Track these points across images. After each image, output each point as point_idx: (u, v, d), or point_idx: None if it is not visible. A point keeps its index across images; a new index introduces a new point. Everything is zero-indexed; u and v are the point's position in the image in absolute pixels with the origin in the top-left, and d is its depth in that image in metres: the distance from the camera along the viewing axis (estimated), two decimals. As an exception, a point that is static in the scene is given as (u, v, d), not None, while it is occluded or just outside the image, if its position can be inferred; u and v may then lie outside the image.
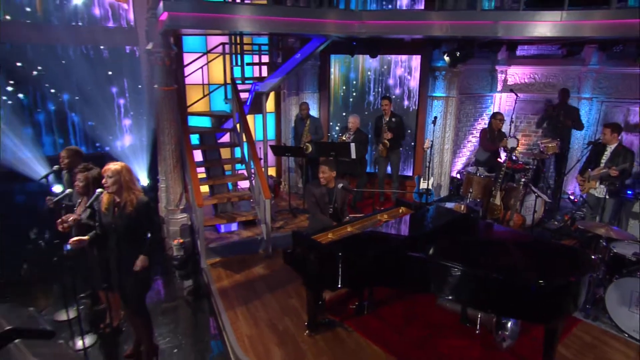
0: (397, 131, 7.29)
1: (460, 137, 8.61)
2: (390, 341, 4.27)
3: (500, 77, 8.52)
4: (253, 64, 7.93)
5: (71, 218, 4.00)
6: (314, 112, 7.99)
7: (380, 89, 8.33)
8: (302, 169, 7.99)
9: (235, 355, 4.19)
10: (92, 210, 3.80)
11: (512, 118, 7.68)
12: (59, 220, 4.00)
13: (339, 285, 3.83)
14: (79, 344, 4.30)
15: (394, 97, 8.10)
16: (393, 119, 7.29)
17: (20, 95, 7.58)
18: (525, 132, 8.61)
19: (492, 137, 7.38)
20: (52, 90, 7.77)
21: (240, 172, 7.32)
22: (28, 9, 7.11)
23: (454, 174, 8.51)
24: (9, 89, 7.35)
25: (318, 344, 4.25)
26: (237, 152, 7.27)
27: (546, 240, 6.08)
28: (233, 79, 7.10)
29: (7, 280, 5.77)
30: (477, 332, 4.39)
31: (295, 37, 7.43)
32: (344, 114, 8.49)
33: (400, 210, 5.07)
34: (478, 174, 6.99)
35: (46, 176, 4.89)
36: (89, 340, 4.45)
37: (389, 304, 4.91)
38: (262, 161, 7.08)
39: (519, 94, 7.90)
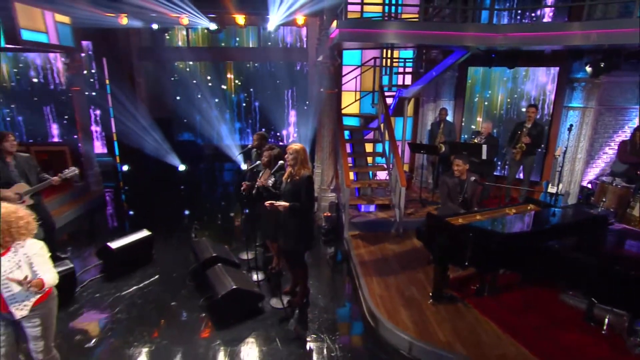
0: (536, 139, 6.53)
1: (595, 148, 7.43)
2: (508, 322, 3.98)
3: (649, 89, 7.10)
4: (399, 73, 7.96)
5: (258, 184, 4.58)
6: (448, 117, 7.71)
7: (513, 98, 7.66)
8: (433, 166, 7.79)
9: (369, 308, 4.35)
10: (275, 178, 4.30)
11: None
12: (243, 183, 4.68)
13: (466, 264, 3.71)
14: (254, 276, 4.93)
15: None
16: (535, 127, 6.57)
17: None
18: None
19: (634, 149, 6.23)
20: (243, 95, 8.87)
21: (379, 164, 7.46)
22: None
23: (584, 183, 7.40)
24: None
25: (440, 313, 4.17)
26: (378, 147, 7.43)
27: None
28: (381, 87, 7.26)
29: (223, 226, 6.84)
30: (603, 332, 3.82)
31: (439, 50, 7.25)
32: (478, 119, 8.03)
33: (529, 207, 4.65)
34: (614, 184, 5.99)
35: (244, 152, 5.67)
36: (260, 276, 5.05)
37: (509, 290, 4.56)
38: (399, 156, 7.09)
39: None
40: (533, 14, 7.20)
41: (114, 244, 5.16)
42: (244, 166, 9.39)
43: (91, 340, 3.98)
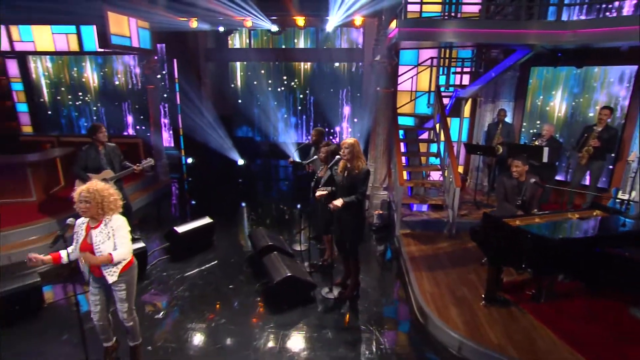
0: (607, 143, 6.02)
1: (676, 154, 6.76)
2: (567, 331, 3.78)
3: None
4: (457, 73, 7.77)
5: (317, 194, 4.72)
6: (507, 118, 7.40)
7: (580, 100, 7.18)
8: (489, 168, 7.52)
9: (418, 304, 4.34)
10: (331, 172, 4.42)
11: None
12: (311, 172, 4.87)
13: (523, 265, 3.60)
14: (307, 266, 5.09)
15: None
16: (607, 130, 6.08)
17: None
18: None
19: None
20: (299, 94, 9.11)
21: (432, 165, 7.34)
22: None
23: (662, 191, 6.76)
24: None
25: (492, 315, 4.07)
26: (433, 148, 7.31)
27: None
28: (438, 87, 7.14)
29: (278, 217, 7.17)
30: (677, 349, 3.52)
31: (500, 49, 6.99)
32: (537, 122, 7.63)
33: (595, 213, 4.37)
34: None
35: (301, 148, 5.86)
36: (312, 266, 5.20)
37: (569, 298, 4.32)
38: (453, 157, 6.94)
39: None
40: (609, 6, 6.68)
41: (180, 229, 5.57)
42: (297, 159, 9.68)
43: (159, 312, 4.35)
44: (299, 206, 7.89)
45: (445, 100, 7.40)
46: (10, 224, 5.83)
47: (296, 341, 3.91)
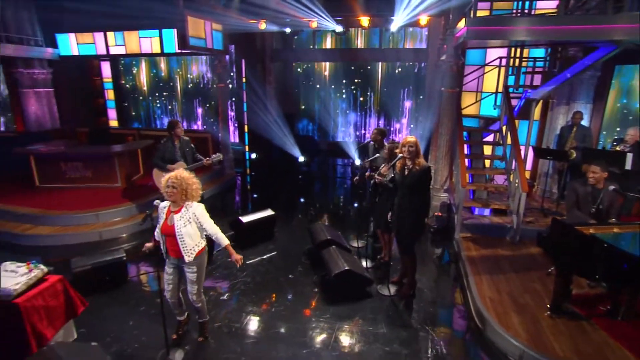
0: None
1: None
2: (647, 352, 3.47)
3: None
4: (527, 72, 7.35)
5: (380, 172, 4.78)
6: (583, 121, 6.86)
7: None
8: (560, 174, 7.02)
9: (477, 308, 4.22)
10: (393, 170, 4.44)
11: None
12: (367, 174, 4.89)
13: (597, 277, 3.36)
14: (363, 263, 5.14)
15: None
16: None
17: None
18: None
19: None
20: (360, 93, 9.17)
21: (497, 168, 7.02)
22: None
23: None
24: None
25: (558, 326, 3.84)
26: (498, 151, 7.00)
27: None
28: (506, 87, 6.82)
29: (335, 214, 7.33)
30: None
31: (579, 47, 6.51)
32: (617, 128, 6.99)
33: (686, 227, 3.94)
34: None
35: (361, 146, 5.94)
36: (368, 263, 5.25)
37: (651, 318, 3.95)
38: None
39: None
40: None
41: (245, 219, 5.89)
42: (357, 161, 9.73)
43: (224, 295, 4.66)
44: (356, 204, 7.96)
45: (514, 102, 7.03)
46: (101, 206, 6.55)
47: (351, 333, 3.99)
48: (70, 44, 10.25)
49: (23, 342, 3.17)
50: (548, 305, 4.05)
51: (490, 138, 7.53)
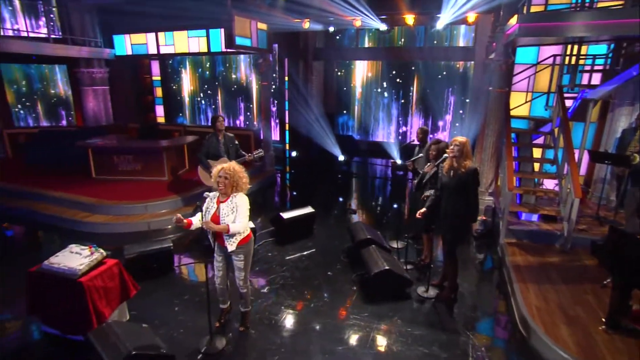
0: None
1: None
2: None
3: None
4: (584, 71, 6.96)
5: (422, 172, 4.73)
6: (649, 125, 6.39)
7: None
8: (619, 180, 6.57)
9: (522, 316, 4.07)
10: (437, 169, 4.38)
11: None
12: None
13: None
14: (403, 264, 5.10)
15: None
16: None
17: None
18: None
19: None
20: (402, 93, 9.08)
21: (547, 172, 6.70)
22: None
23: None
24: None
25: (615, 342, 3.63)
26: (548, 154, 6.68)
27: None
28: (560, 87, 6.49)
29: (375, 214, 7.34)
30: None
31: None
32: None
33: None
34: None
35: (404, 146, 5.88)
36: (409, 266, 5.19)
37: None
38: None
39: None
40: None
41: (285, 215, 6.01)
42: (398, 161, 9.64)
43: (264, 288, 4.79)
44: (395, 205, 7.89)
45: (568, 103, 6.69)
46: (149, 197, 6.93)
47: (389, 333, 3.98)
48: (125, 44, 10.94)
49: (85, 318, 3.44)
50: (603, 320, 3.84)
51: (540, 140, 7.21)
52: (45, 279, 3.60)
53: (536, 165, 6.94)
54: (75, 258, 3.66)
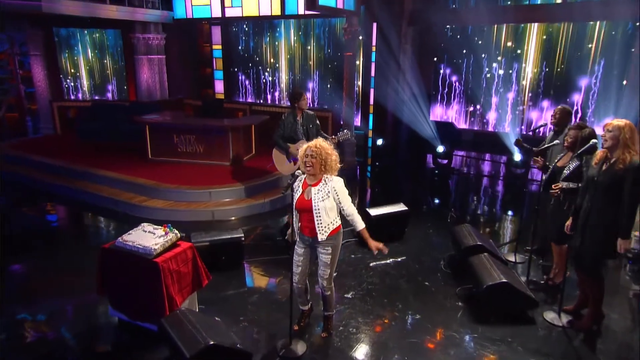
0: None
1: None
2: None
3: None
4: None
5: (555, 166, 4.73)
6: None
7: None
8: None
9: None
10: (579, 163, 4.34)
11: None
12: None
13: None
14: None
15: None
16: None
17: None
18: None
19: None
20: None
21: None
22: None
23: None
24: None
25: None
26: None
27: None
28: None
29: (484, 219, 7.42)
30: None
31: None
32: None
33: None
34: None
35: (534, 129, 5.93)
36: (531, 286, 5.18)
37: None
38: None
39: None
40: None
41: (373, 211, 6.29)
42: (517, 156, 9.49)
43: (348, 293, 5.12)
44: (511, 212, 7.81)
45: None
46: (213, 183, 7.64)
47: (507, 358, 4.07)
48: (186, 6, 11.96)
49: (158, 302, 4.01)
50: None
51: None
52: (118, 257, 4.24)
53: None
54: (148, 237, 4.26)
